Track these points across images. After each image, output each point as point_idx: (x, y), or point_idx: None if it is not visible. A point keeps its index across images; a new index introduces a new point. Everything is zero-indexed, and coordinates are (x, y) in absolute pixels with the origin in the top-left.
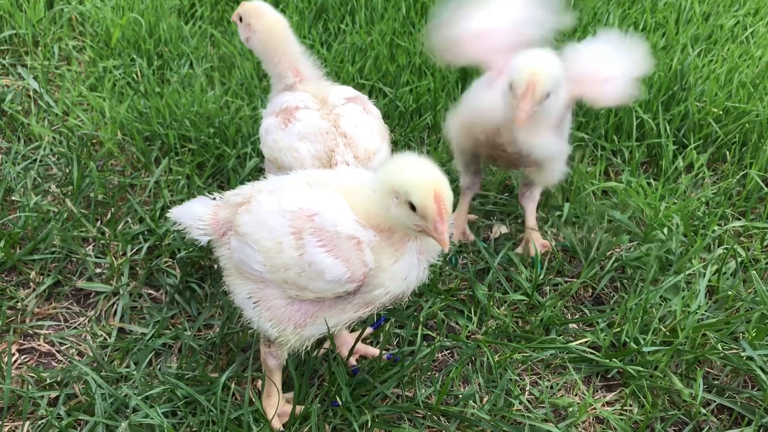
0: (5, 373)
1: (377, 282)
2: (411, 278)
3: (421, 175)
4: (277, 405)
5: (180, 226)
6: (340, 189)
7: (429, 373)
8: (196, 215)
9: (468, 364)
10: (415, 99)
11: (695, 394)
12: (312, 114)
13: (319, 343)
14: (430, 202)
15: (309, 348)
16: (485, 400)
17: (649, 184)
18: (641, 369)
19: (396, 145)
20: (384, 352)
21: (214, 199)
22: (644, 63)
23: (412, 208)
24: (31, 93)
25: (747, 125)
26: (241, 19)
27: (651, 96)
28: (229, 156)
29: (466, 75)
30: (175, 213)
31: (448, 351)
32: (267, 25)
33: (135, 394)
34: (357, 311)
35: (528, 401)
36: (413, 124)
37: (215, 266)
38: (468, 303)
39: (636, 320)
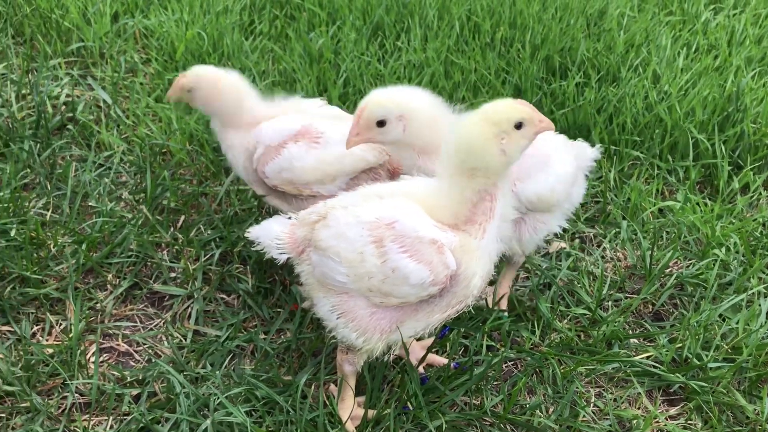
0: (91, 371)
1: (469, 272)
2: (493, 253)
3: (500, 103)
4: (351, 409)
5: (259, 246)
6: (408, 197)
7: (495, 383)
8: (273, 235)
9: (532, 375)
10: None
11: (760, 411)
12: (330, 123)
13: (389, 349)
14: (525, 106)
15: (381, 355)
16: (551, 410)
17: (705, 203)
18: (704, 384)
19: None
20: (451, 361)
21: (290, 218)
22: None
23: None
24: (100, 103)
25: None
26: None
27: (705, 117)
28: None
29: (519, 92)
30: (254, 233)
31: (512, 362)
32: (231, 79)
33: (216, 393)
34: (445, 312)
35: (593, 413)
36: None
37: (283, 274)
38: (530, 316)
39: (698, 336)
